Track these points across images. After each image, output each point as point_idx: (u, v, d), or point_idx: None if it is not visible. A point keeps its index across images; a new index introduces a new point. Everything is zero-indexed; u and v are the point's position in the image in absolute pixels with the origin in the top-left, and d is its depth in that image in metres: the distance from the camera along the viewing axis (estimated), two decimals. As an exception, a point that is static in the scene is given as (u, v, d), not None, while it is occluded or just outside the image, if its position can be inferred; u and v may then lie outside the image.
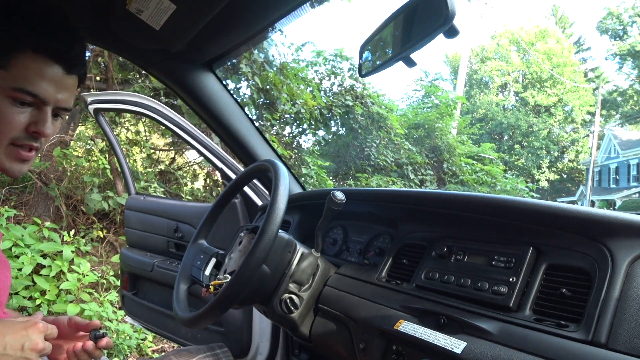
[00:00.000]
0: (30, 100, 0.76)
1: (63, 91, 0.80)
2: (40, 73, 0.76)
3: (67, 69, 0.79)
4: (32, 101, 0.77)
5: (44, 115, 0.79)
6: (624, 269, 0.68)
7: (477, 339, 0.74)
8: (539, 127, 27.24)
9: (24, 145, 0.79)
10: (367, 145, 8.00)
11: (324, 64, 7.76)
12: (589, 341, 0.64)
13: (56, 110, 0.82)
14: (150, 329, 1.99)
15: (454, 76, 28.75)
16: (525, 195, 9.61)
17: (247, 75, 4.79)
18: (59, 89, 0.79)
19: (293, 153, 6.55)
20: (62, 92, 0.80)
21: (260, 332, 1.59)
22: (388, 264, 1.05)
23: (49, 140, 0.84)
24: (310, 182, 6.08)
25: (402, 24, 0.73)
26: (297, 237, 1.10)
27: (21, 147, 0.79)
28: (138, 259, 1.95)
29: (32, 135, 0.79)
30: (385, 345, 0.89)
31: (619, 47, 27.90)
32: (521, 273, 0.78)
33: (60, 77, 0.79)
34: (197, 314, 0.92)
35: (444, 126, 9.48)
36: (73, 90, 0.83)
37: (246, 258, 0.86)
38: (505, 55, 30.10)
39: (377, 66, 0.80)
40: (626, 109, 29.28)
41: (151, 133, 5.39)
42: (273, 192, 0.90)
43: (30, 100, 0.76)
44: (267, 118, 5.49)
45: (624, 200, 19.16)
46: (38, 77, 0.76)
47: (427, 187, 8.24)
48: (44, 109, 0.79)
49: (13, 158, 0.79)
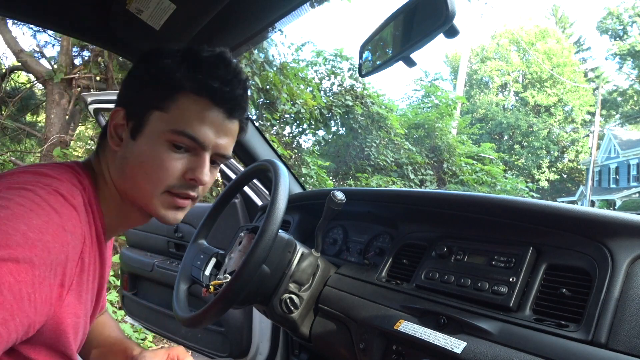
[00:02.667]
0: (188, 145, 0.72)
1: (223, 136, 0.75)
2: (200, 116, 0.72)
3: (229, 112, 0.75)
4: (191, 145, 0.73)
5: (202, 161, 0.74)
6: (624, 269, 0.68)
7: (477, 339, 0.74)
8: (539, 127, 27.25)
9: (180, 194, 0.75)
10: (367, 145, 8.00)
11: (323, 64, 7.77)
12: (589, 341, 0.64)
13: (214, 157, 0.77)
14: (150, 329, 1.99)
15: (454, 76, 28.76)
16: (525, 195, 9.61)
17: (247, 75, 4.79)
18: (219, 134, 0.75)
19: (293, 153, 6.55)
20: (222, 137, 0.75)
21: (260, 332, 1.59)
22: (388, 264, 1.05)
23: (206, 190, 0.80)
24: (310, 182, 6.08)
25: (402, 24, 0.73)
26: (297, 237, 1.10)
27: (177, 195, 0.75)
28: (138, 259, 1.95)
29: (188, 183, 0.74)
30: (385, 345, 0.89)
31: (619, 47, 27.90)
32: (521, 273, 0.78)
33: (220, 121, 0.74)
34: (197, 314, 0.92)
35: (444, 126, 9.48)
36: (233, 136, 0.79)
37: (246, 258, 0.86)
38: (505, 55, 30.11)
39: (377, 66, 0.80)
40: (626, 109, 29.29)
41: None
42: (273, 192, 0.90)
43: (188, 144, 0.72)
44: (267, 118, 5.49)
45: (624, 200, 19.17)
46: (198, 121, 0.72)
47: (427, 187, 8.24)
48: (202, 155, 0.74)
49: (168, 206, 0.75)
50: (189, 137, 0.72)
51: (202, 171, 0.74)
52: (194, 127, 0.72)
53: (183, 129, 0.71)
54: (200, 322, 0.93)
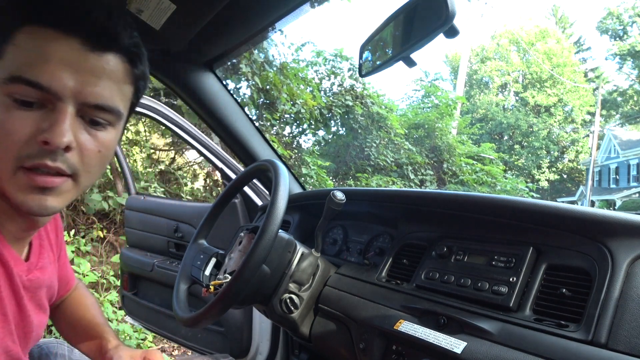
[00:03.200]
0: (38, 97, 0.53)
1: (88, 77, 0.55)
2: (43, 52, 0.53)
3: (90, 43, 0.54)
4: (41, 97, 0.53)
5: (58, 115, 0.53)
6: (624, 269, 0.68)
7: (477, 339, 0.74)
8: (539, 127, 27.25)
9: (38, 167, 0.54)
10: (367, 145, 8.00)
11: (323, 64, 7.77)
12: (589, 341, 0.64)
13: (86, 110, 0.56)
14: (150, 329, 1.99)
15: (454, 76, 28.76)
16: (525, 195, 9.62)
17: (247, 75, 4.80)
18: (80, 75, 0.54)
19: (293, 153, 6.55)
20: (88, 79, 0.54)
21: (260, 332, 1.59)
22: (388, 264, 1.05)
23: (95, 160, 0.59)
24: (310, 182, 6.09)
25: (402, 24, 0.73)
26: (297, 237, 1.10)
27: (33, 170, 0.54)
28: (138, 259, 1.95)
29: (44, 149, 0.53)
30: (385, 345, 0.89)
31: (619, 47, 27.90)
32: (521, 273, 0.78)
33: (78, 56, 0.54)
34: (197, 314, 0.92)
35: (444, 126, 9.49)
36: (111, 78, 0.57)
37: (246, 258, 0.86)
38: (505, 55, 30.11)
39: (377, 66, 0.80)
40: (626, 109, 29.29)
41: (151, 133, 5.39)
42: (273, 192, 0.90)
43: (36, 95, 0.53)
44: (267, 118, 5.50)
45: (624, 200, 19.16)
46: (41, 59, 0.52)
47: (427, 187, 8.24)
48: (60, 108, 0.54)
49: (26, 188, 0.55)
50: (30, 84, 0.52)
51: (57, 129, 0.53)
52: (36, 69, 0.52)
53: (20, 73, 0.52)
54: (200, 322, 0.93)
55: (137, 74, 0.63)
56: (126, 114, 0.64)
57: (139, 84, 0.65)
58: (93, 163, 0.59)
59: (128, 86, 0.62)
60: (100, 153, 0.59)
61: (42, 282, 0.73)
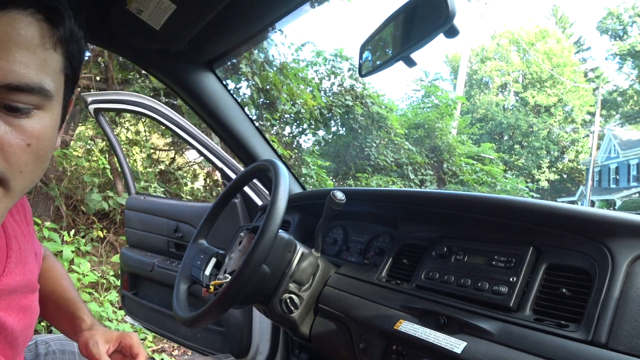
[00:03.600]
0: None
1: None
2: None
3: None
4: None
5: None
6: (624, 269, 0.68)
7: (477, 339, 0.74)
8: (539, 127, 27.25)
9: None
10: (367, 145, 8.01)
11: (323, 64, 7.78)
12: (589, 341, 0.64)
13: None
14: (150, 329, 1.98)
15: (454, 76, 28.75)
16: (525, 195, 9.62)
17: (247, 75, 4.80)
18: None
19: (293, 153, 6.55)
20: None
21: (260, 332, 1.59)
22: (388, 264, 1.05)
23: (24, 158, 0.46)
24: (310, 182, 6.09)
25: (402, 24, 0.73)
26: (297, 237, 1.10)
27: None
28: (138, 259, 1.95)
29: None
30: (385, 345, 0.89)
31: (619, 47, 27.89)
32: (521, 273, 0.78)
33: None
34: (197, 314, 0.92)
35: (444, 126, 9.49)
36: (25, 44, 0.42)
37: (246, 258, 0.86)
38: (505, 55, 30.11)
39: (377, 66, 0.80)
40: (626, 109, 29.28)
41: (151, 133, 5.40)
42: (273, 192, 0.90)
43: None
44: (267, 118, 5.50)
45: (624, 200, 19.16)
46: None
47: (427, 187, 8.24)
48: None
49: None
50: None
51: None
52: None
53: None
54: (200, 322, 0.93)
55: (62, 36, 0.46)
56: (62, 91, 0.49)
57: (70, 48, 0.48)
58: (23, 161, 0.45)
59: (52, 53, 0.45)
60: (30, 147, 0.45)
61: (13, 286, 0.62)
